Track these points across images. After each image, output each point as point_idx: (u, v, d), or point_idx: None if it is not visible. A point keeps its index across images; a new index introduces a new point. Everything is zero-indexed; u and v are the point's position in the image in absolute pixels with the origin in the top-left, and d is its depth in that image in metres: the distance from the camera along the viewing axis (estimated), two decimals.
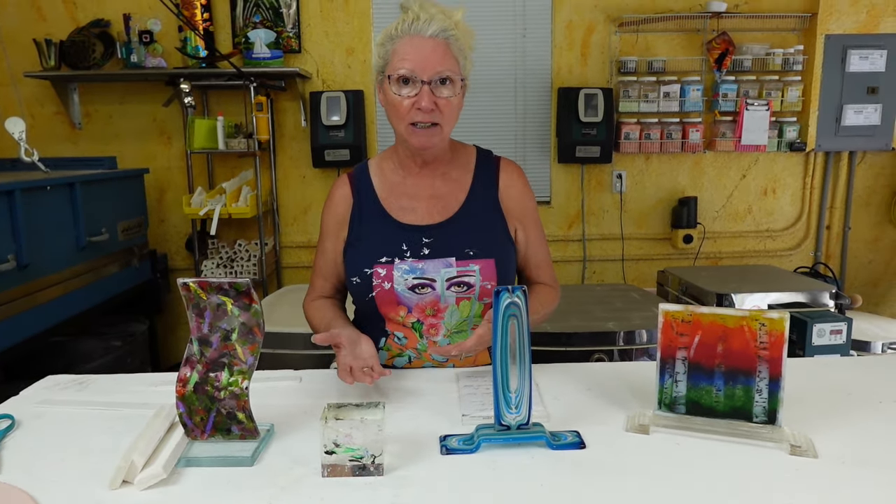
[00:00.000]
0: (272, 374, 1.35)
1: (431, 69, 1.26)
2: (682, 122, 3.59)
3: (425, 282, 1.34)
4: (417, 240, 1.37)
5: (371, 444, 0.93)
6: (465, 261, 1.35)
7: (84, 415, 1.17)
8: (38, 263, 2.46)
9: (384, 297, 1.35)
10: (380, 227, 1.39)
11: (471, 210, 1.40)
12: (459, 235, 1.37)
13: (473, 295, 1.36)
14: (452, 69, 1.28)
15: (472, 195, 1.42)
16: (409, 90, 1.27)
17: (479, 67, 3.58)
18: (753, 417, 1.04)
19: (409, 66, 1.26)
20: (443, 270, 1.34)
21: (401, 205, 1.41)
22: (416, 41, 1.27)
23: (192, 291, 1.01)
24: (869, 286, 3.95)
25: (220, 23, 3.53)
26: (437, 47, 1.27)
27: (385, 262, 1.35)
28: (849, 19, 3.52)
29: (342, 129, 3.43)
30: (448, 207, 1.40)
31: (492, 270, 1.35)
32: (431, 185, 1.42)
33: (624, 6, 3.58)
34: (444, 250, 1.36)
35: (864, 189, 3.83)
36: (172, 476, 0.94)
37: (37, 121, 3.57)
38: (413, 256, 1.35)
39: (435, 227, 1.38)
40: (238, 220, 3.54)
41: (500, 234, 1.41)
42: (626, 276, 3.82)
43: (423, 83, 1.26)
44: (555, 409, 1.16)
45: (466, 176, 1.44)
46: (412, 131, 1.30)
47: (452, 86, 1.29)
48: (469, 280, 1.35)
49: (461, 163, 1.45)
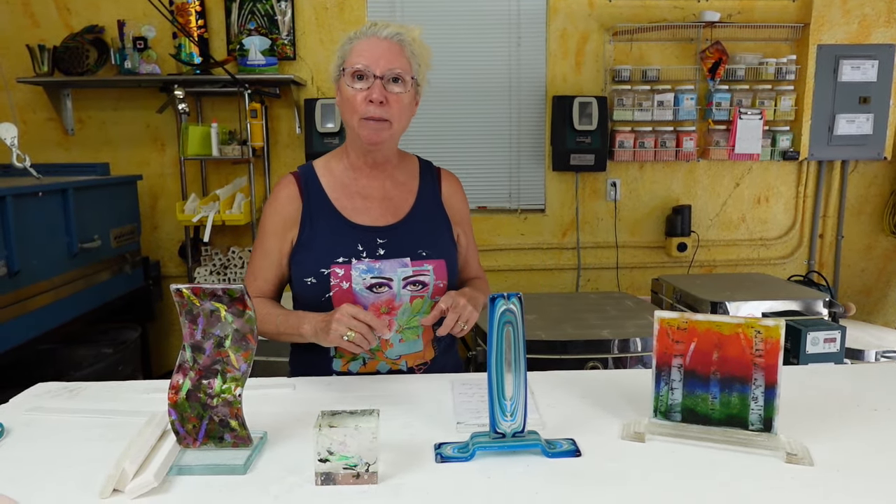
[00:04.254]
0: (265, 381, 1.34)
1: (385, 65, 1.35)
2: (675, 131, 3.60)
3: (382, 281, 1.39)
4: (372, 240, 1.42)
5: (365, 452, 0.92)
6: (419, 261, 1.42)
7: (75, 423, 1.16)
8: (29, 270, 2.45)
9: (342, 296, 1.38)
10: (334, 227, 1.43)
11: (420, 213, 1.49)
12: (412, 237, 1.44)
13: (427, 293, 1.42)
14: (404, 68, 1.37)
15: (419, 199, 1.50)
16: (362, 84, 1.35)
17: (473, 75, 3.64)
18: (749, 425, 1.04)
19: (363, 61, 1.35)
20: (399, 270, 1.40)
21: (353, 205, 1.45)
22: (373, 41, 1.37)
23: (185, 297, 1.00)
24: (862, 295, 3.97)
25: (215, 29, 3.53)
26: (391, 47, 1.36)
27: (342, 262, 1.39)
28: (841, 30, 3.55)
29: (336, 137, 3.42)
30: (399, 209, 1.47)
31: (443, 270, 1.44)
32: (382, 186, 1.48)
33: (618, 15, 3.60)
34: (399, 251, 1.42)
35: (856, 198, 3.85)
36: (164, 484, 0.93)
37: (29, 127, 3.55)
38: (369, 256, 1.41)
39: (388, 229, 1.44)
40: (232, 226, 3.52)
41: (447, 236, 1.51)
42: (620, 285, 3.82)
43: (375, 77, 1.34)
44: (550, 416, 1.15)
45: (413, 181, 1.52)
46: (363, 125, 1.36)
47: (403, 84, 1.37)
48: (424, 279, 1.42)
49: (407, 168, 1.53)
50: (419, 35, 1.42)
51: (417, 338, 1.44)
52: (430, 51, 1.44)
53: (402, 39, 1.38)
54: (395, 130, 1.40)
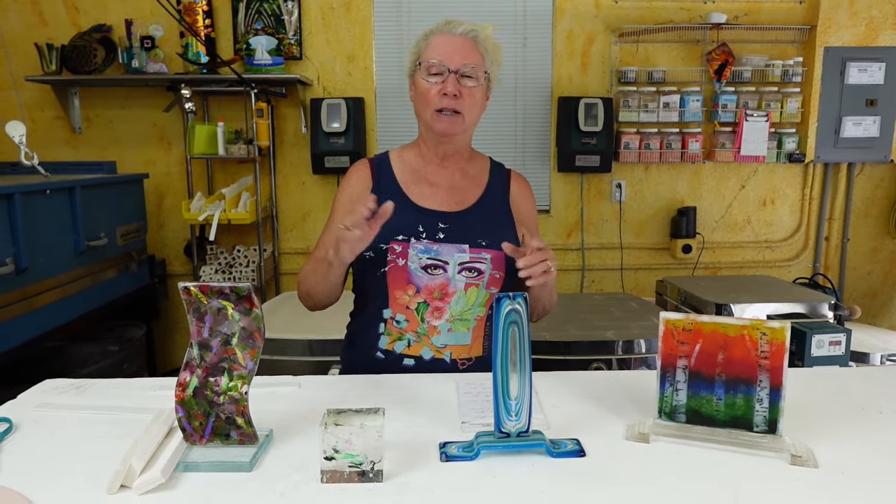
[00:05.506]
0: (271, 379, 1.34)
1: (459, 60, 1.40)
2: (681, 133, 3.60)
3: (438, 263, 1.41)
4: (434, 224, 1.44)
5: (371, 451, 0.92)
6: (477, 248, 1.43)
7: (82, 419, 1.16)
8: (36, 267, 2.46)
9: (396, 273, 1.40)
10: (399, 207, 1.42)
11: (485, 206, 1.50)
12: (474, 226, 1.45)
13: (482, 282, 1.43)
14: (478, 63, 1.42)
15: (487, 193, 1.52)
16: (437, 79, 1.40)
17: None
18: (754, 427, 1.04)
19: (439, 56, 1.40)
20: (456, 255, 1.41)
21: (420, 190, 1.49)
22: (448, 37, 1.43)
23: (192, 295, 1.01)
24: (868, 297, 3.95)
25: (222, 29, 3.54)
26: (465, 43, 1.42)
27: (401, 239, 1.41)
28: (848, 32, 3.54)
29: (342, 136, 3.43)
30: (465, 199, 1.50)
31: (501, 261, 1.44)
32: (451, 176, 1.52)
33: (624, 17, 3.60)
34: (459, 237, 1.43)
35: (862, 201, 3.84)
36: (171, 481, 0.93)
37: (37, 125, 3.57)
38: (429, 238, 1.42)
39: (452, 215, 1.46)
40: (237, 225, 3.54)
41: (510, 231, 1.50)
42: (624, 286, 3.82)
43: (450, 72, 1.39)
44: (554, 417, 1.16)
45: (482, 176, 1.55)
46: (437, 117, 1.41)
47: (476, 79, 1.42)
48: (480, 266, 1.42)
49: (477, 165, 1.57)
50: (492, 33, 1.47)
51: (467, 331, 1.44)
52: (502, 49, 1.50)
53: (477, 36, 1.43)
54: (468, 123, 1.45)
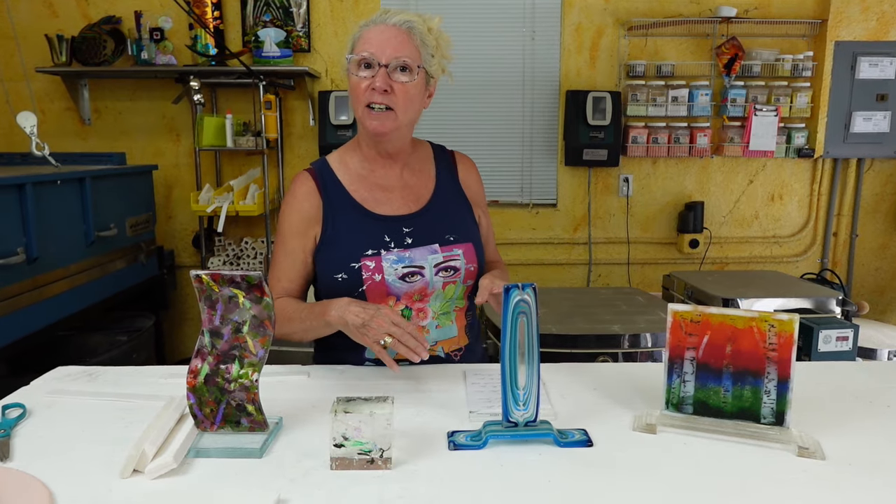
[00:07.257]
0: (281, 368, 1.35)
1: (390, 53, 1.32)
2: (689, 127, 3.58)
3: (414, 269, 1.38)
4: (398, 230, 1.41)
5: (379, 438, 0.93)
6: (447, 246, 1.42)
7: (94, 405, 1.18)
8: (46, 257, 2.48)
9: (375, 289, 1.37)
10: (357, 220, 1.41)
11: (441, 198, 1.48)
12: (438, 223, 1.44)
13: (459, 278, 1.42)
14: (411, 56, 1.33)
15: (439, 184, 1.49)
16: (367, 73, 1.33)
17: (486, 69, 3.64)
18: (761, 418, 1.04)
19: (370, 49, 1.32)
20: (430, 257, 1.40)
21: (374, 196, 1.44)
22: (381, 28, 1.34)
23: (204, 283, 1.02)
24: (876, 294, 3.94)
25: (231, 21, 3.54)
26: (398, 34, 1.33)
27: (371, 254, 1.37)
28: (859, 26, 3.52)
29: (350, 129, 3.43)
30: (421, 197, 1.46)
31: (472, 253, 1.44)
32: (399, 175, 1.47)
33: (633, 10, 3.58)
34: (427, 238, 1.41)
35: (871, 196, 3.82)
36: (182, 466, 0.95)
37: (47, 116, 3.58)
38: (397, 246, 1.39)
39: (413, 217, 1.43)
40: (245, 217, 3.55)
41: (470, 219, 1.50)
42: (631, 280, 3.81)
43: (380, 66, 1.31)
44: (562, 407, 1.16)
45: (429, 166, 1.51)
46: (367, 113, 1.34)
47: (410, 73, 1.33)
48: (455, 264, 1.41)
49: (421, 155, 1.52)
50: (437, 24, 1.38)
51: (452, 323, 1.44)
52: (449, 41, 1.41)
53: (412, 27, 1.34)
54: (402, 121, 1.36)
